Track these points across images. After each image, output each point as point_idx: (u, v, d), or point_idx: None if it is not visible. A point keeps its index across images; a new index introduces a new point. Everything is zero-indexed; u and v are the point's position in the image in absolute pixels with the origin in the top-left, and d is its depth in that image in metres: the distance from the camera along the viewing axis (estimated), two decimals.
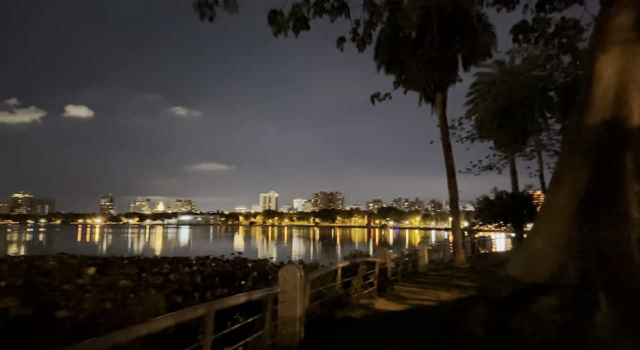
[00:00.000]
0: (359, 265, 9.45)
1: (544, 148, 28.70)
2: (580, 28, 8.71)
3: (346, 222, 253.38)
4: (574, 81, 23.77)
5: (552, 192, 5.55)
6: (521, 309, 5.52)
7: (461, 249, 16.43)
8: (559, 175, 5.53)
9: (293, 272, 5.87)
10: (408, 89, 16.54)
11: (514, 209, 30.23)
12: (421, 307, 9.22)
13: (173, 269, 19.45)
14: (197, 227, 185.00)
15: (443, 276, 14.19)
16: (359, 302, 9.16)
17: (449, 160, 16.68)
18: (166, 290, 14.36)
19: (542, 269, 5.46)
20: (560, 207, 5.32)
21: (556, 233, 5.34)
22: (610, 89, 5.04)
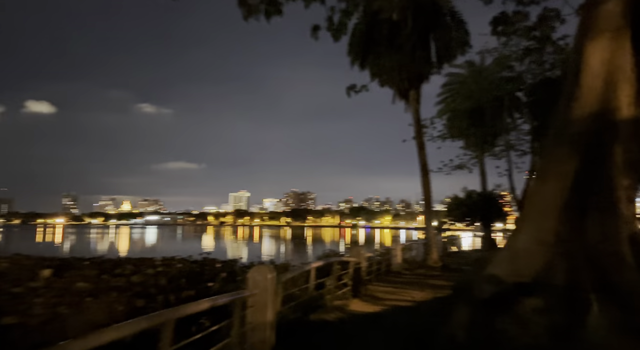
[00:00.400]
0: (332, 265, 9.05)
1: (513, 148, 29.21)
2: (563, 19, 8.63)
3: (318, 221, 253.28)
4: (542, 82, 24.24)
5: (538, 186, 5.29)
6: (505, 310, 5.23)
7: (434, 247, 16.32)
8: (544, 169, 5.29)
9: (263, 274, 5.39)
10: (382, 84, 16.29)
11: (482, 208, 30.69)
12: (397, 308, 8.90)
13: (136, 270, 18.41)
14: (165, 227, 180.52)
15: (417, 275, 13.99)
16: (333, 304, 8.75)
17: (423, 158, 16.55)
18: (128, 292, 13.44)
19: (527, 268, 5.19)
20: (546, 203, 5.07)
21: (542, 230, 5.08)
22: (599, 79, 4.83)
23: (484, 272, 5.59)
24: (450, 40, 15.31)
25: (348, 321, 7.68)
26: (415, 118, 16.61)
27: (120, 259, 25.42)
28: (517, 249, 5.28)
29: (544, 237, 5.05)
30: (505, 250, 5.47)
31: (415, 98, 16.34)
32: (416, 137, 16.79)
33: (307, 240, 79.54)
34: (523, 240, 5.25)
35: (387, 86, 16.54)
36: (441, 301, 9.61)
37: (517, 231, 5.45)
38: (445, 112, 31.85)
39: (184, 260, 22.86)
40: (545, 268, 5.05)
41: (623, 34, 4.74)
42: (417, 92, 16.33)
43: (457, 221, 31.74)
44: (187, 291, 13.66)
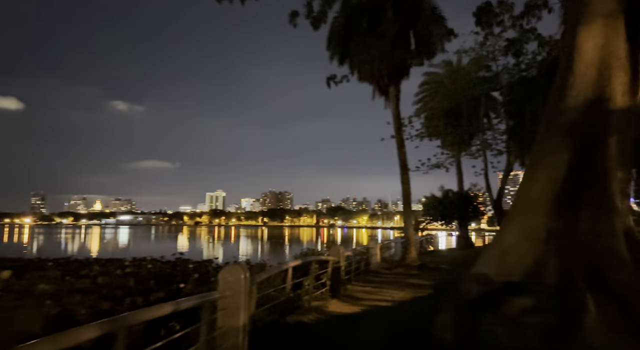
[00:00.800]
0: (310, 264, 8.65)
1: (489, 147, 29.47)
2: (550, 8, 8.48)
3: (295, 221, 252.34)
4: (518, 81, 24.48)
5: (528, 180, 5.04)
6: (494, 311, 4.96)
7: (413, 246, 16.13)
8: (535, 162, 5.03)
9: (236, 274, 4.95)
10: (361, 80, 15.99)
11: (459, 207, 30.90)
12: (377, 308, 8.57)
13: (103, 271, 17.52)
14: (138, 227, 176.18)
15: (396, 274, 13.75)
16: (311, 305, 8.37)
17: (402, 155, 16.33)
18: (94, 294, 12.68)
19: (516, 266, 4.92)
20: (537, 197, 4.82)
21: (532, 226, 4.82)
22: (592, 66, 4.61)
23: (470, 270, 5.30)
24: (430, 36, 15.14)
25: (326, 323, 7.31)
26: (395, 114, 16.38)
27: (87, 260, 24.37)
28: (506, 246, 5.01)
29: (534, 233, 4.80)
30: (493, 248, 5.20)
31: (395, 94, 16.11)
32: (396, 134, 16.56)
33: (285, 240, 78.90)
34: (511, 236, 4.98)
35: (367, 82, 16.25)
36: (422, 301, 9.36)
37: (505, 227, 5.19)
38: (423, 111, 31.94)
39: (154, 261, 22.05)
40: (535, 266, 4.79)
41: (617, 19, 4.54)
42: (397, 88, 16.10)
43: (434, 220, 31.83)
44: (156, 293, 13.03)
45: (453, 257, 20.32)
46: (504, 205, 31.21)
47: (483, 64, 27.96)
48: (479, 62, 27.94)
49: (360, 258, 13.55)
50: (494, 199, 29.31)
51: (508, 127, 26.94)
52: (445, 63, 33.22)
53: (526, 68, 26.09)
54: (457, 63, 32.68)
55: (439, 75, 33.78)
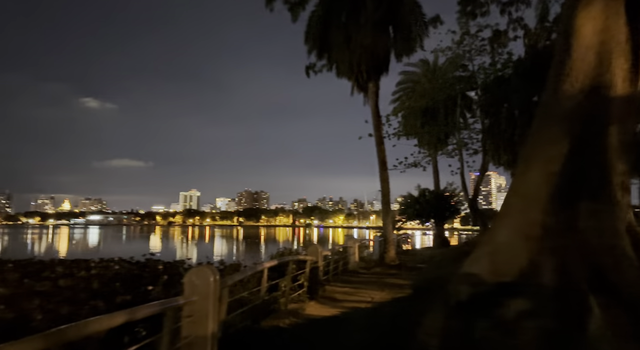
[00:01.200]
0: (287, 264, 8.17)
1: (465, 146, 29.59)
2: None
3: (271, 221, 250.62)
4: (494, 80, 24.62)
5: (522, 173, 4.71)
6: (486, 314, 4.58)
7: (392, 245, 15.85)
8: (530, 154, 4.71)
9: (204, 277, 4.43)
10: (340, 75, 15.61)
11: (435, 206, 30.95)
12: (357, 311, 8.17)
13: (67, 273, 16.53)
14: (109, 228, 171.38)
15: (375, 274, 13.42)
16: (288, 308, 7.89)
17: (382, 153, 16.04)
18: (56, 298, 11.83)
19: (510, 266, 4.57)
20: (532, 192, 4.49)
21: (527, 222, 4.49)
22: (591, 50, 4.32)
23: (459, 270, 4.93)
24: (410, 32, 14.89)
25: (304, 327, 6.85)
26: (374, 111, 16.06)
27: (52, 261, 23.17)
28: (498, 244, 4.66)
29: (529, 230, 4.46)
30: (484, 246, 4.85)
31: (374, 91, 15.79)
32: (375, 132, 16.25)
33: (260, 240, 78.01)
34: (504, 234, 4.64)
35: (345, 78, 15.89)
36: (402, 302, 9.01)
37: (498, 224, 4.85)
38: (400, 110, 31.85)
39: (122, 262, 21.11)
40: (531, 266, 4.45)
41: (618, 0, 4.25)
42: (376, 84, 15.80)
43: (410, 219, 31.79)
44: (123, 296, 12.28)
45: (430, 256, 20.16)
46: (477, 204, 31.53)
47: (459, 64, 28.07)
48: (455, 62, 28.02)
49: (339, 258, 13.15)
50: (470, 198, 29.48)
51: (484, 127, 27.13)
52: (422, 62, 33.30)
53: (502, 68, 26.32)
54: (434, 62, 32.80)
55: (416, 74, 33.85)
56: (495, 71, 26.50)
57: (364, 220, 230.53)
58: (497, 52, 26.90)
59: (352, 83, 15.94)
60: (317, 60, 15.93)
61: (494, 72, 26.46)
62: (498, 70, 26.45)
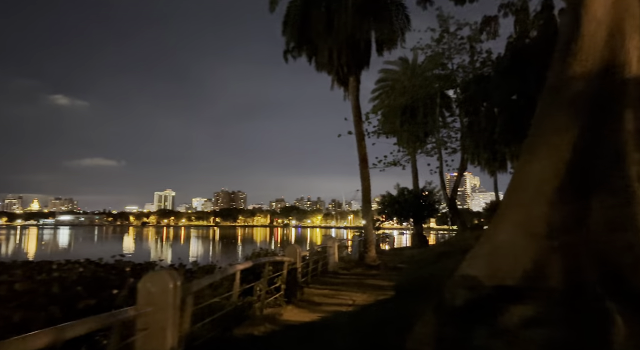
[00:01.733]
0: (264, 266, 7.53)
1: (444, 145, 29.49)
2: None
3: (248, 221, 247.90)
4: (474, 79, 24.53)
5: (526, 164, 4.22)
6: (486, 321, 4.07)
7: (373, 245, 15.37)
8: (534, 143, 4.23)
9: (162, 283, 3.78)
10: (319, 69, 15.03)
11: (414, 206, 30.74)
12: (338, 315, 7.59)
13: (27, 276, 15.37)
14: (80, 228, 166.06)
15: (355, 275, 12.89)
16: (264, 313, 7.26)
17: (362, 149, 15.53)
18: (12, 303, 10.85)
19: (512, 267, 4.07)
20: (536, 184, 4.01)
21: (531, 218, 4.00)
22: (603, 26, 3.88)
23: (455, 272, 4.41)
24: (392, 24, 14.44)
25: (281, 335, 6.24)
26: (355, 106, 15.54)
27: (13, 263, 21.85)
28: (498, 243, 4.16)
29: (534, 227, 3.98)
30: (482, 245, 4.34)
31: (354, 85, 15.28)
32: (355, 128, 15.73)
33: (237, 240, 76.74)
34: (505, 232, 4.15)
35: (325, 71, 15.31)
36: (385, 305, 8.49)
37: (498, 221, 4.36)
38: (379, 108, 31.52)
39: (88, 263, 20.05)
40: (535, 267, 3.96)
41: None
42: (357, 78, 15.29)
43: (389, 218, 31.49)
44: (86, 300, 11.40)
45: (410, 256, 19.83)
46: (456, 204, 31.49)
47: (439, 62, 27.93)
48: (434, 60, 27.85)
49: (318, 258, 12.56)
50: (449, 197, 29.39)
51: (463, 125, 27.06)
52: (402, 60, 33.09)
53: (481, 66, 26.28)
54: (413, 60, 32.63)
55: (396, 72, 33.61)
56: (474, 70, 26.47)
57: (342, 221, 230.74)
58: (476, 51, 26.91)
59: (332, 77, 15.37)
60: (296, 53, 15.30)
61: (473, 71, 26.42)
62: (477, 68, 26.43)
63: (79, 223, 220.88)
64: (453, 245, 20.07)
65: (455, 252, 15.26)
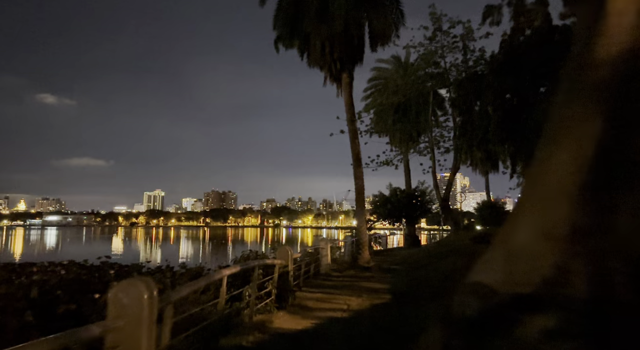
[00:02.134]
0: (253, 269, 7.06)
1: (437, 144, 29.26)
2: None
3: (239, 221, 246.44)
4: (468, 77, 24.30)
5: (545, 159, 3.81)
6: (501, 334, 3.65)
7: (366, 246, 14.95)
8: (554, 135, 3.82)
9: (135, 293, 3.30)
10: (311, 64, 14.58)
11: (407, 206, 30.41)
12: (333, 322, 7.16)
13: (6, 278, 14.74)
14: (68, 229, 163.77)
15: (349, 277, 12.46)
16: (253, 320, 6.80)
17: (356, 147, 15.09)
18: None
19: (530, 273, 3.65)
20: (558, 182, 3.60)
21: (552, 219, 3.59)
22: (633, 3, 3.49)
23: (466, 279, 3.99)
24: (386, 20, 14.04)
25: (271, 345, 5.79)
26: (348, 103, 15.10)
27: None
28: (515, 246, 3.75)
29: (554, 229, 3.56)
30: (497, 249, 3.92)
31: (347, 82, 14.84)
32: (349, 125, 15.29)
33: (227, 240, 75.98)
34: (523, 234, 3.73)
35: (317, 67, 14.85)
36: (383, 310, 8.07)
37: (514, 222, 3.94)
38: (372, 106, 31.20)
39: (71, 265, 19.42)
40: (557, 273, 3.54)
41: None
42: (350, 75, 14.85)
43: (382, 219, 31.14)
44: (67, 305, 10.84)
45: (403, 257, 19.48)
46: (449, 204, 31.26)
47: (432, 60, 27.68)
48: (427, 58, 27.60)
49: (310, 260, 12.11)
50: (442, 197, 29.13)
51: (456, 124, 26.82)
52: (395, 58, 32.81)
53: (474, 65, 26.08)
54: (406, 59, 32.36)
55: (388, 71, 33.30)
56: (467, 68, 26.26)
57: (333, 221, 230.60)
58: (469, 49, 26.71)
59: (324, 73, 14.92)
60: (286, 49, 14.83)
61: (466, 69, 26.22)
62: (470, 67, 26.23)
63: (66, 223, 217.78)
64: (447, 245, 19.78)
65: (450, 253, 14.93)
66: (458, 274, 9.52)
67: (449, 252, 14.92)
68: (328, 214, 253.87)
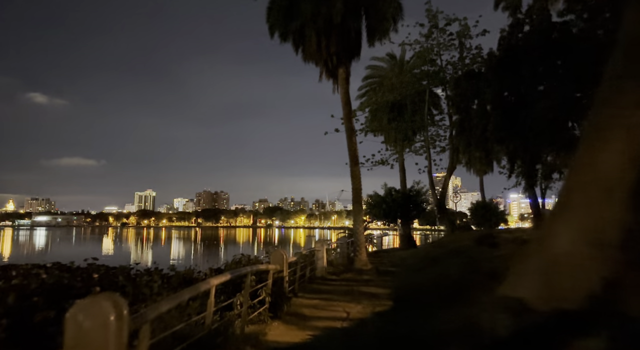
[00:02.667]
0: (245, 276, 6.44)
1: (433, 144, 28.73)
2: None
3: (231, 222, 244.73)
4: (465, 75, 23.83)
5: (590, 153, 3.26)
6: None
7: (364, 247, 14.37)
8: (601, 125, 3.27)
9: (99, 314, 2.68)
10: (307, 59, 13.97)
11: (402, 206, 29.89)
12: (333, 333, 6.56)
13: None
14: (57, 229, 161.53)
15: (346, 281, 11.86)
16: (245, 332, 6.19)
17: (353, 145, 14.50)
18: None
19: (573, 286, 3.09)
20: (606, 179, 3.06)
21: (599, 223, 3.04)
22: None
23: (497, 293, 3.42)
24: (384, 13, 13.47)
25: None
26: (345, 99, 14.50)
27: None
28: (555, 254, 3.19)
29: (602, 234, 3.01)
30: (532, 258, 3.36)
31: (344, 77, 14.24)
32: (345, 122, 14.70)
33: (220, 241, 75.09)
34: (564, 241, 3.17)
35: (313, 62, 14.24)
36: (386, 319, 7.47)
37: (553, 226, 3.38)
38: (367, 105, 30.62)
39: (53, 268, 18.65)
40: (605, 287, 2.97)
41: None
42: (347, 70, 14.26)
43: (377, 219, 30.59)
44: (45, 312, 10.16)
45: (400, 259, 18.93)
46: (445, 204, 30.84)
47: (428, 58, 27.19)
48: (423, 56, 27.09)
49: (305, 263, 11.51)
50: (438, 197, 28.66)
51: (453, 123, 26.32)
52: (390, 56, 32.27)
53: (470, 63, 25.62)
54: (401, 57, 31.84)
55: (383, 69, 32.76)
56: (464, 66, 25.80)
57: (326, 221, 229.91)
58: (465, 47, 26.23)
59: (320, 68, 14.31)
60: (281, 42, 14.21)
61: (463, 67, 25.76)
62: (467, 65, 25.77)
63: (56, 224, 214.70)
64: (446, 247, 19.25)
65: (451, 255, 14.38)
66: (466, 278, 8.95)
67: (450, 254, 14.37)
68: (321, 214, 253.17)
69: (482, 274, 8.97)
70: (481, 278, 8.54)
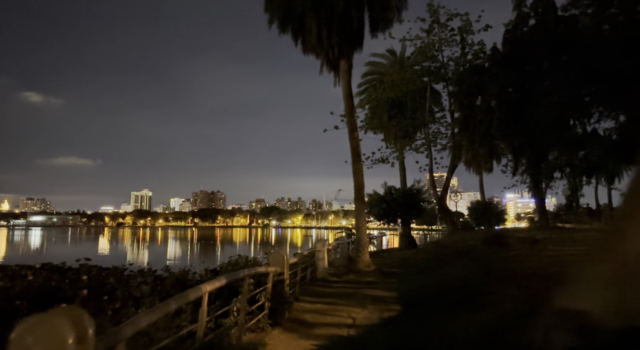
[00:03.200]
0: (243, 280, 5.79)
1: (434, 141, 28.19)
2: None
3: (228, 221, 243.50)
4: (469, 70, 23.30)
5: None
6: None
7: (367, 248, 13.76)
8: None
9: (53, 336, 2.05)
10: (307, 51, 13.35)
11: (403, 205, 29.26)
12: (338, 343, 5.93)
13: None
14: (53, 229, 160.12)
15: (349, 283, 11.26)
16: (243, 342, 5.57)
17: (355, 141, 13.88)
18: None
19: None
20: None
21: None
22: None
23: (552, 306, 2.80)
24: (389, 2, 12.85)
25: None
26: (346, 93, 13.89)
27: None
28: (628, 261, 2.57)
29: None
30: (599, 263, 2.75)
31: (346, 69, 13.64)
32: (347, 117, 14.09)
33: (216, 241, 74.36)
34: (638, 243, 2.56)
35: (313, 54, 13.61)
36: (397, 327, 6.84)
37: (624, 227, 2.78)
38: (366, 102, 30.02)
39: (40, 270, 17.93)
40: None
41: None
42: (349, 62, 13.65)
43: (377, 219, 29.95)
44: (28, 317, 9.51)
45: (403, 259, 18.35)
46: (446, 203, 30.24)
47: (429, 54, 26.62)
48: (424, 51, 26.51)
49: (306, 264, 10.89)
50: (439, 196, 28.11)
51: (454, 120, 25.77)
52: (390, 52, 31.66)
53: (473, 58, 25.07)
54: (401, 53, 31.24)
55: (383, 65, 32.15)
56: (465, 62, 25.26)
57: (323, 221, 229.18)
58: (467, 42, 25.66)
59: (321, 60, 13.68)
60: (280, 33, 13.57)
61: (464, 63, 25.22)
62: (469, 61, 25.22)
63: (51, 224, 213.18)
64: (450, 247, 18.66)
65: (457, 256, 13.77)
66: (479, 281, 8.32)
67: (455, 254, 13.77)
68: (318, 214, 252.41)
69: (495, 276, 8.40)
70: (495, 280, 7.97)
